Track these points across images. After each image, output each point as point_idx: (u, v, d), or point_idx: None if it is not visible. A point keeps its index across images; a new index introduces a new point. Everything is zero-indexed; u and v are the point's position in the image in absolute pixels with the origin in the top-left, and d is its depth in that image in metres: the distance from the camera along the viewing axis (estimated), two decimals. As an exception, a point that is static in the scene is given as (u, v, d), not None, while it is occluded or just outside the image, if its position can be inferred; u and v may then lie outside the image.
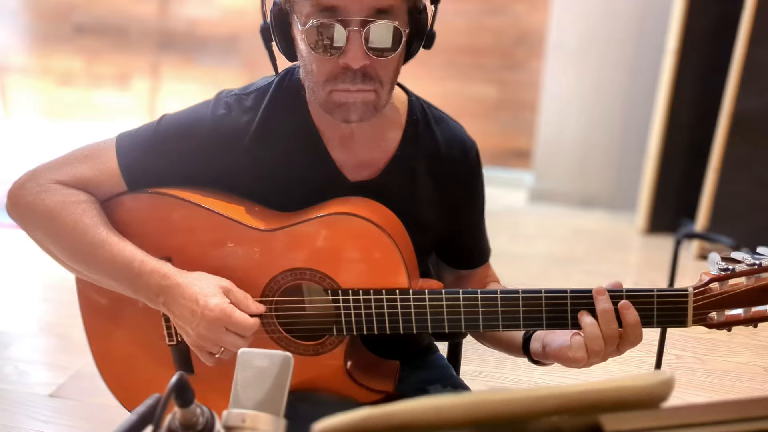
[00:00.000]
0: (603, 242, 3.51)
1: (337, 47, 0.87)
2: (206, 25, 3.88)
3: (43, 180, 0.99)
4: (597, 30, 3.68)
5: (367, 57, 0.87)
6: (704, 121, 3.21)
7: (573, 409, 0.48)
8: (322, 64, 0.90)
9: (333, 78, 0.90)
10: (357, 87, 0.90)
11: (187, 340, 0.96)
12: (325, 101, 0.93)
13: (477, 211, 1.13)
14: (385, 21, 0.86)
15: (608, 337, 0.86)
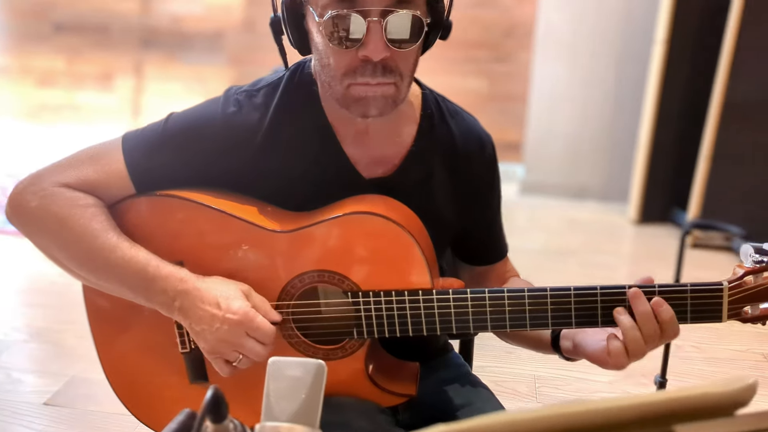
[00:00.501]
0: (596, 233, 3.52)
1: (356, 39, 0.84)
2: (190, 22, 3.82)
3: (48, 183, 0.95)
4: (585, 21, 3.68)
5: (387, 49, 0.84)
6: (694, 111, 3.22)
7: (650, 419, 0.46)
8: (341, 57, 0.86)
9: (352, 71, 0.87)
10: (377, 80, 0.86)
11: (204, 346, 0.93)
12: (343, 96, 0.90)
13: (494, 205, 1.11)
14: (406, 11, 0.83)
15: (648, 338, 0.84)
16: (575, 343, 0.93)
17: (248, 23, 3.77)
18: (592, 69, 3.74)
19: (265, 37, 3.73)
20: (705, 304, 0.84)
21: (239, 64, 3.85)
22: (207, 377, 1.01)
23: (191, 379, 1.01)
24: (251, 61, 3.84)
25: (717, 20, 3.02)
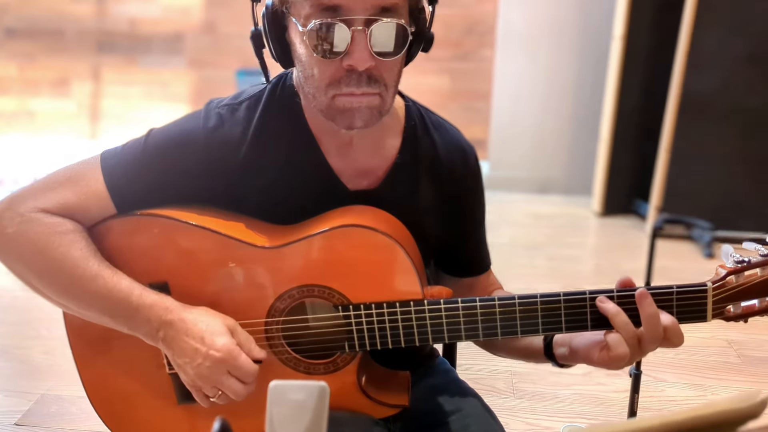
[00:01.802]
0: (562, 226, 3.58)
1: (340, 49, 0.83)
2: (148, 24, 3.74)
3: (24, 209, 0.91)
4: (544, 18, 3.73)
5: (372, 58, 0.83)
6: (653, 104, 3.30)
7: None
8: (325, 67, 0.85)
9: (336, 82, 0.86)
10: (362, 90, 0.85)
11: (185, 379, 0.91)
12: (328, 107, 0.89)
13: (478, 217, 1.11)
14: (391, 20, 0.83)
15: (651, 339, 0.85)
16: (572, 348, 0.93)
17: (208, 25, 3.71)
18: (552, 65, 3.80)
19: (225, 38, 3.69)
20: (690, 305, 0.86)
21: (200, 67, 3.79)
22: (194, 398, 0.99)
23: (179, 399, 1.00)
24: (212, 63, 3.79)
25: (672, 16, 3.10)
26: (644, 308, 0.85)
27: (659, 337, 0.85)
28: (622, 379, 2.16)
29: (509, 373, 2.21)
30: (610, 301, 0.86)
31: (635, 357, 0.87)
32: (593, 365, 0.90)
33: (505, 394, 2.10)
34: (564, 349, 0.95)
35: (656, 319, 0.84)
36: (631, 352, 0.85)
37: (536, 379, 2.19)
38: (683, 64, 3.05)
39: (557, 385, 2.15)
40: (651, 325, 0.84)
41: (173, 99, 3.90)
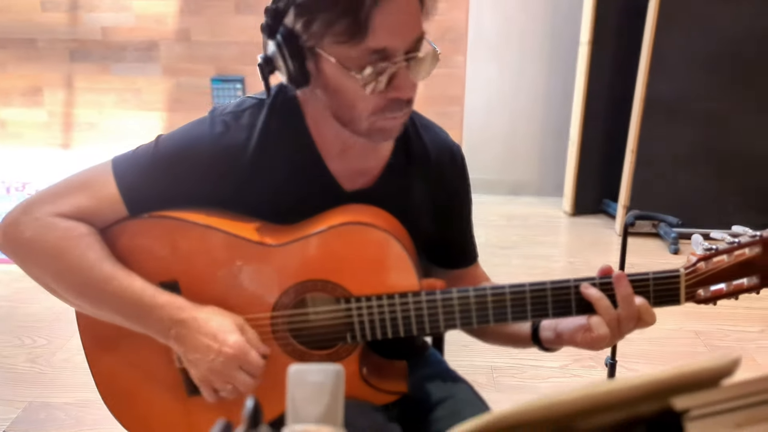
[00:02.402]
0: (535, 226, 3.68)
1: (389, 85, 0.90)
2: (121, 33, 3.73)
3: (41, 213, 0.95)
4: (513, 24, 3.84)
5: (414, 87, 0.91)
6: (619, 107, 3.42)
7: (653, 394, 0.54)
8: (371, 100, 0.91)
9: (381, 110, 0.92)
10: (403, 113, 0.94)
11: (195, 374, 0.96)
12: (368, 129, 0.95)
13: (466, 212, 1.18)
14: (426, 51, 0.90)
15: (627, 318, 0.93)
16: (558, 332, 1.01)
17: (182, 33, 3.73)
18: (522, 71, 3.91)
19: (200, 46, 3.71)
20: (665, 289, 0.94)
21: (175, 74, 3.80)
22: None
23: (188, 392, 1.04)
24: (187, 70, 3.80)
25: (636, 22, 3.22)
26: (620, 289, 0.93)
27: (634, 316, 0.93)
28: (597, 370, 2.25)
29: (489, 368, 2.29)
30: (593, 288, 0.94)
31: (615, 338, 0.95)
32: (577, 346, 0.98)
33: (487, 388, 2.18)
34: (550, 333, 1.03)
35: (631, 298, 0.93)
36: (611, 333, 0.93)
37: (515, 373, 2.27)
38: (647, 68, 3.17)
39: (536, 378, 2.24)
40: (626, 304, 0.93)
41: (148, 107, 3.90)
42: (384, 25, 0.86)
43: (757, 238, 0.95)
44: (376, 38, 0.86)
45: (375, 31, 0.85)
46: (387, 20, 0.86)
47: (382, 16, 0.85)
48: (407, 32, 0.89)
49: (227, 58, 3.77)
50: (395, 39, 0.88)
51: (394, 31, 0.87)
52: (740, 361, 0.56)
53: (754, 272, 0.96)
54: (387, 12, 0.85)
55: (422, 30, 0.91)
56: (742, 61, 3.11)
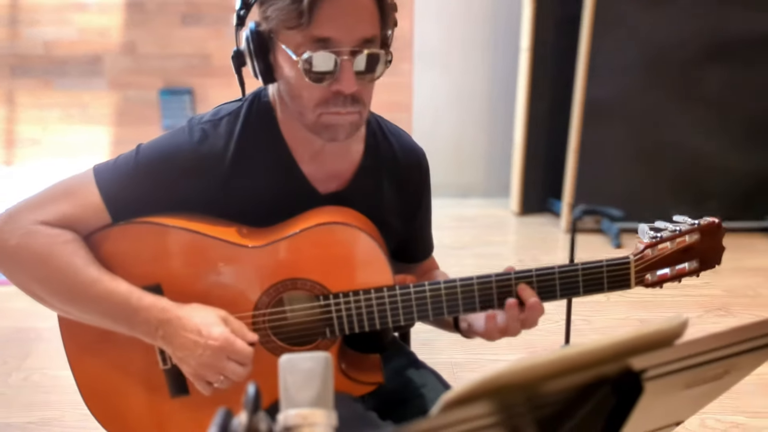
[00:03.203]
0: (484, 227, 3.80)
1: (329, 75, 0.95)
2: (64, 47, 3.68)
3: (25, 222, 0.98)
4: (456, 33, 3.96)
5: (356, 83, 0.96)
6: (560, 109, 3.57)
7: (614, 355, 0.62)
8: (314, 90, 0.97)
9: (324, 102, 0.98)
10: (347, 110, 0.98)
11: (187, 370, 1.00)
12: (314, 123, 1.00)
13: (428, 211, 1.26)
14: (372, 50, 0.96)
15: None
16: (469, 323, 1.11)
17: (128, 45, 3.70)
18: (466, 77, 4.04)
19: (146, 59, 3.70)
20: (617, 275, 1.04)
21: (121, 88, 3.77)
22: (188, 390, 1.08)
23: (172, 393, 1.08)
24: (133, 83, 3.77)
25: (572, 29, 3.38)
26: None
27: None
28: (551, 360, 2.35)
29: (450, 364, 2.37)
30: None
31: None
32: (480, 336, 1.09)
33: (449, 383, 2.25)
34: (465, 324, 1.12)
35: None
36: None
37: (475, 368, 2.35)
38: (584, 72, 3.33)
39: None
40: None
41: (94, 121, 3.85)
42: (329, 16, 0.92)
43: (696, 226, 1.06)
44: (320, 27, 0.92)
45: (320, 19, 0.91)
46: (333, 12, 0.92)
47: (329, 8, 0.91)
48: (353, 28, 0.94)
49: (174, 70, 3.76)
50: (339, 31, 0.93)
51: (339, 23, 0.93)
52: (688, 323, 0.64)
53: (694, 257, 1.07)
54: (334, 4, 0.91)
55: (375, 33, 0.97)
56: (670, 64, 3.30)
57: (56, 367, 2.27)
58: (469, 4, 3.92)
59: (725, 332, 0.63)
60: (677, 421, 0.87)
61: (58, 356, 2.29)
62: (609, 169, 3.48)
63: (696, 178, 3.47)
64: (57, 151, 3.88)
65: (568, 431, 0.66)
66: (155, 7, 3.69)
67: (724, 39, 3.25)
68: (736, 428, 1.99)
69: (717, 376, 0.74)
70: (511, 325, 1.04)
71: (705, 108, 3.37)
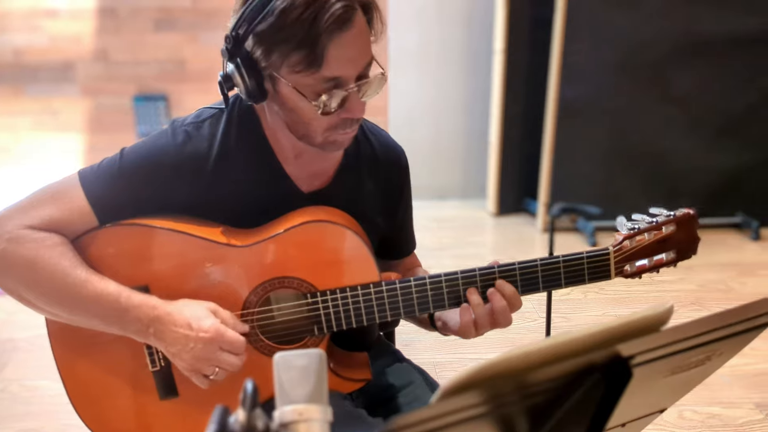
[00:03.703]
0: (462, 228, 3.83)
1: (340, 107, 0.98)
2: (34, 54, 3.63)
3: (12, 226, 0.98)
4: (431, 36, 3.99)
5: (364, 106, 1.00)
6: (535, 111, 3.62)
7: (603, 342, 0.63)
8: (324, 119, 0.99)
9: (334, 127, 1.01)
10: (353, 129, 1.03)
11: (182, 365, 1.00)
12: (321, 143, 1.03)
13: (409, 207, 1.28)
14: (375, 74, 0.99)
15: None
16: (443, 321, 1.13)
17: (100, 52, 3.66)
18: (442, 80, 4.07)
19: (118, 65, 3.66)
20: (597, 266, 1.06)
21: (94, 95, 3.72)
22: (177, 392, 1.08)
23: (161, 395, 1.08)
24: (106, 90, 3.73)
25: (545, 31, 3.43)
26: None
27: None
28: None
29: (432, 364, 2.39)
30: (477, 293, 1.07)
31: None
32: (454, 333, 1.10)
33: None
34: (440, 322, 1.14)
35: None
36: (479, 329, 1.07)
37: (457, 367, 2.37)
38: (557, 73, 3.38)
39: (477, 370, 2.34)
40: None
41: (66, 128, 3.80)
42: (338, 57, 0.93)
43: (672, 217, 1.09)
44: (331, 68, 0.94)
45: (329, 62, 0.93)
46: (340, 52, 0.93)
47: (336, 49, 0.93)
48: (359, 60, 0.97)
49: (148, 76, 3.73)
50: (348, 68, 0.96)
51: (347, 61, 0.95)
52: (673, 309, 0.66)
53: (671, 248, 1.10)
54: (341, 44, 0.93)
55: (371, 54, 0.99)
56: (642, 64, 3.37)
57: (35, 377, 2.25)
58: (443, 7, 3.95)
59: (708, 317, 0.66)
60: (661, 409, 0.89)
61: (36, 367, 2.30)
62: (583, 168, 3.54)
63: (668, 175, 3.54)
64: (28, 159, 3.82)
65: (560, 419, 0.67)
66: (127, 13, 3.66)
67: (693, 39, 3.32)
68: (712, 419, 2.03)
69: (699, 362, 0.76)
70: (482, 319, 1.05)
71: (676, 107, 3.45)
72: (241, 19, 0.94)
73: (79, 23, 3.62)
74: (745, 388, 2.17)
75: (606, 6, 3.27)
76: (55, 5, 3.57)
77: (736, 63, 3.37)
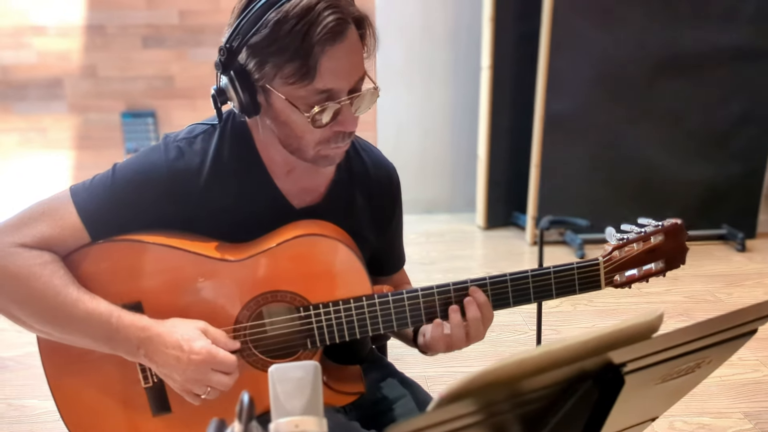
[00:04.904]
0: (451, 242, 3.84)
1: (332, 120, 0.99)
2: (23, 71, 3.62)
3: (3, 244, 0.97)
4: (418, 51, 4.03)
5: (356, 120, 1.01)
6: (522, 125, 3.66)
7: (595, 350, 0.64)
8: (317, 133, 0.99)
9: (326, 141, 1.01)
10: (345, 143, 1.03)
11: (174, 385, 1.00)
12: (313, 157, 1.03)
13: (400, 224, 1.28)
14: (367, 88, 0.99)
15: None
16: (425, 337, 1.13)
17: (88, 69, 3.66)
18: (429, 95, 4.11)
19: (107, 82, 3.66)
20: (588, 277, 1.07)
21: (82, 111, 3.72)
22: (170, 408, 1.07)
23: (154, 411, 1.07)
24: (95, 107, 3.73)
25: (531, 47, 3.47)
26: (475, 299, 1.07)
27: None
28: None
29: (422, 378, 2.37)
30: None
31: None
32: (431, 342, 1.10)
33: (423, 396, 2.26)
34: (422, 337, 1.14)
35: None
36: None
37: (448, 380, 2.36)
38: (543, 88, 3.42)
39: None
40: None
41: (54, 145, 3.79)
42: (330, 69, 0.94)
43: (660, 227, 1.11)
44: (323, 80, 0.95)
45: (322, 74, 0.94)
46: (333, 65, 0.94)
47: (329, 62, 0.94)
48: (352, 74, 0.98)
49: (136, 92, 3.73)
50: (340, 81, 0.97)
51: (340, 74, 0.96)
52: (663, 316, 0.68)
53: (660, 257, 1.11)
54: (333, 57, 0.94)
55: (364, 69, 1.00)
56: (625, 79, 3.41)
57: (22, 396, 2.22)
58: (430, 23, 3.99)
59: (698, 325, 0.67)
60: (652, 417, 0.90)
61: (24, 386, 2.27)
62: (570, 182, 3.57)
63: (654, 189, 3.58)
64: (16, 177, 3.80)
65: (553, 427, 0.68)
66: (115, 30, 3.67)
67: (674, 55, 3.37)
68: (702, 429, 2.04)
69: (690, 369, 0.78)
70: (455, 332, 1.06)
71: (660, 121, 3.49)
72: (235, 32, 0.95)
73: (67, 40, 3.63)
74: (734, 398, 2.19)
75: (589, 22, 3.32)
76: (43, 22, 3.58)
77: (718, 78, 3.42)
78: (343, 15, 0.93)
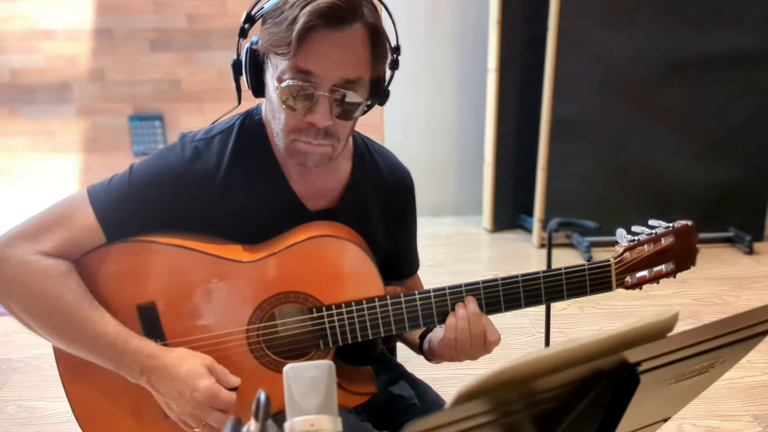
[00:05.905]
0: (458, 244, 3.84)
1: (305, 107, 0.97)
2: (31, 74, 3.65)
3: (21, 251, 0.98)
4: (424, 54, 4.04)
5: (330, 119, 0.98)
6: (528, 127, 3.66)
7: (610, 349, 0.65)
8: (290, 116, 0.99)
9: (297, 130, 1.00)
10: (318, 142, 1.00)
11: (170, 413, 1.03)
12: (286, 147, 1.03)
13: (414, 228, 1.29)
14: (351, 92, 0.97)
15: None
16: (430, 342, 1.14)
17: (96, 72, 3.68)
18: (436, 98, 4.11)
19: (114, 85, 3.68)
20: (599, 278, 1.07)
21: (90, 115, 3.74)
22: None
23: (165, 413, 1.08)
24: (103, 110, 3.75)
25: (537, 50, 3.48)
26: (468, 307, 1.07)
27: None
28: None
29: (431, 380, 2.38)
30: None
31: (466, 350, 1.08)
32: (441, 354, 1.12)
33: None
34: (427, 344, 1.15)
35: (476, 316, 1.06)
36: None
37: (456, 382, 2.37)
38: (550, 91, 3.42)
39: (476, 385, 2.34)
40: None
41: (62, 149, 3.81)
42: (315, 50, 0.94)
43: (670, 228, 1.11)
44: (305, 59, 0.94)
45: (306, 51, 0.94)
46: (319, 47, 0.94)
47: (317, 43, 0.93)
48: (336, 66, 0.96)
49: (144, 96, 3.75)
50: (321, 67, 0.95)
51: (323, 59, 0.95)
52: (678, 315, 0.68)
53: (670, 258, 1.11)
54: (323, 41, 0.93)
55: (360, 75, 0.98)
56: (631, 82, 3.42)
57: (32, 397, 2.23)
58: (437, 26, 4.00)
59: (712, 324, 0.67)
60: (665, 417, 0.90)
61: (33, 387, 2.28)
62: (577, 184, 3.57)
63: (661, 191, 3.57)
64: (25, 180, 3.83)
65: (568, 425, 0.68)
66: (123, 34, 3.69)
67: (680, 58, 3.37)
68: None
69: (703, 369, 0.78)
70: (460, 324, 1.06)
71: (666, 124, 3.49)
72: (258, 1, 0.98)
73: (75, 44, 3.65)
74: (743, 401, 2.18)
75: (596, 25, 3.32)
76: (51, 26, 3.60)
77: (726, 81, 3.42)
78: (349, 7, 0.93)
